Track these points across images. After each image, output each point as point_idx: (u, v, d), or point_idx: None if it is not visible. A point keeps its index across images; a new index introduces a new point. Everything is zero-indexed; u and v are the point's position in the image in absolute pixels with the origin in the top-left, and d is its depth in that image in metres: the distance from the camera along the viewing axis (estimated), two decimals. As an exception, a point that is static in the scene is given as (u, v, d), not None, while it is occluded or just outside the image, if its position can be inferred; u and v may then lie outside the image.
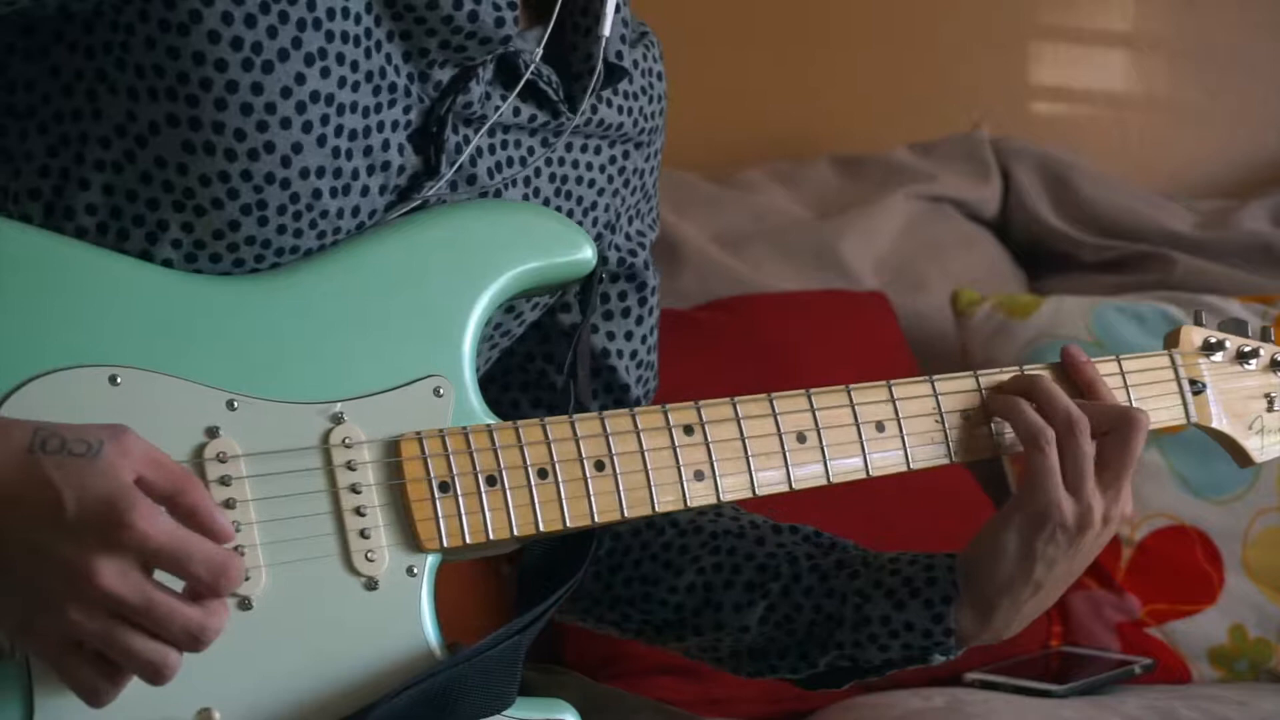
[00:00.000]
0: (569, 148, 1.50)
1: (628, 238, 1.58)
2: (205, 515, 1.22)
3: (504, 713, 1.36)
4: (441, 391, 1.36)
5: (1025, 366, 1.52)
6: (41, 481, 1.18)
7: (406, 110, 1.39)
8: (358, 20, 1.35)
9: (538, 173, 1.48)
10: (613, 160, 1.54)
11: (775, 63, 3.06)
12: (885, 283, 2.85)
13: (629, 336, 1.58)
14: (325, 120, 1.35)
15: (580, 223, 1.52)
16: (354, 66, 1.36)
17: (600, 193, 1.53)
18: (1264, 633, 2.57)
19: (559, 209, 1.50)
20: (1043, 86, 3.22)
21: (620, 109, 1.52)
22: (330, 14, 1.34)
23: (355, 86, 1.36)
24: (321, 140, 1.35)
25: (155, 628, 1.19)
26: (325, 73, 1.34)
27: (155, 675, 1.21)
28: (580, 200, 1.52)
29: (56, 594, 1.18)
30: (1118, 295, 2.78)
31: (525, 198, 1.47)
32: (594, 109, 1.49)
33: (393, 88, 1.38)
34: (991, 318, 2.71)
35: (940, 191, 2.96)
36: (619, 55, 1.48)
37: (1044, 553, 1.46)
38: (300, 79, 1.33)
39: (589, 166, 1.52)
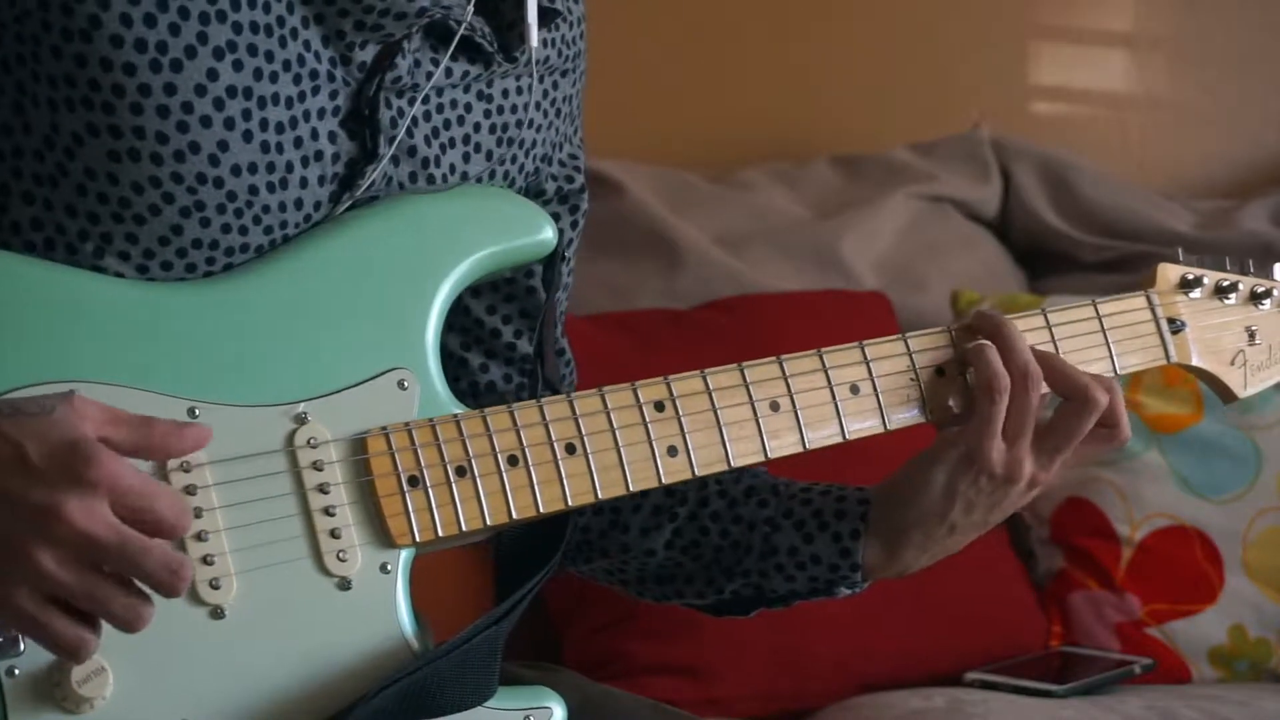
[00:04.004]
0: (505, 93, 1.48)
1: (561, 164, 1.57)
2: (174, 443, 1.23)
3: (485, 703, 1.36)
4: (406, 384, 1.36)
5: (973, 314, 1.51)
6: (0, 438, 1.17)
7: (333, 95, 1.38)
8: (267, 9, 1.34)
9: (477, 127, 1.46)
10: (546, 94, 1.52)
11: (775, 62, 3.06)
12: (885, 283, 2.84)
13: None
14: (247, 115, 1.33)
15: (523, 164, 1.51)
16: (269, 57, 1.34)
17: (538, 130, 1.52)
18: (1264, 633, 2.56)
19: (503, 156, 1.48)
20: (1043, 86, 3.21)
21: (547, 42, 1.49)
22: (235, 4, 1.32)
23: (274, 77, 1.34)
24: (247, 135, 1.33)
25: (131, 567, 1.18)
26: (238, 66, 1.33)
27: (132, 621, 1.20)
28: (521, 143, 1.50)
29: (29, 543, 1.17)
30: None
31: (466, 155, 1.46)
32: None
33: (314, 74, 1.36)
34: (991, 318, 2.70)
35: (940, 191, 2.96)
36: None
37: (965, 494, 1.47)
38: (213, 75, 1.32)
39: (526, 107, 1.50)
